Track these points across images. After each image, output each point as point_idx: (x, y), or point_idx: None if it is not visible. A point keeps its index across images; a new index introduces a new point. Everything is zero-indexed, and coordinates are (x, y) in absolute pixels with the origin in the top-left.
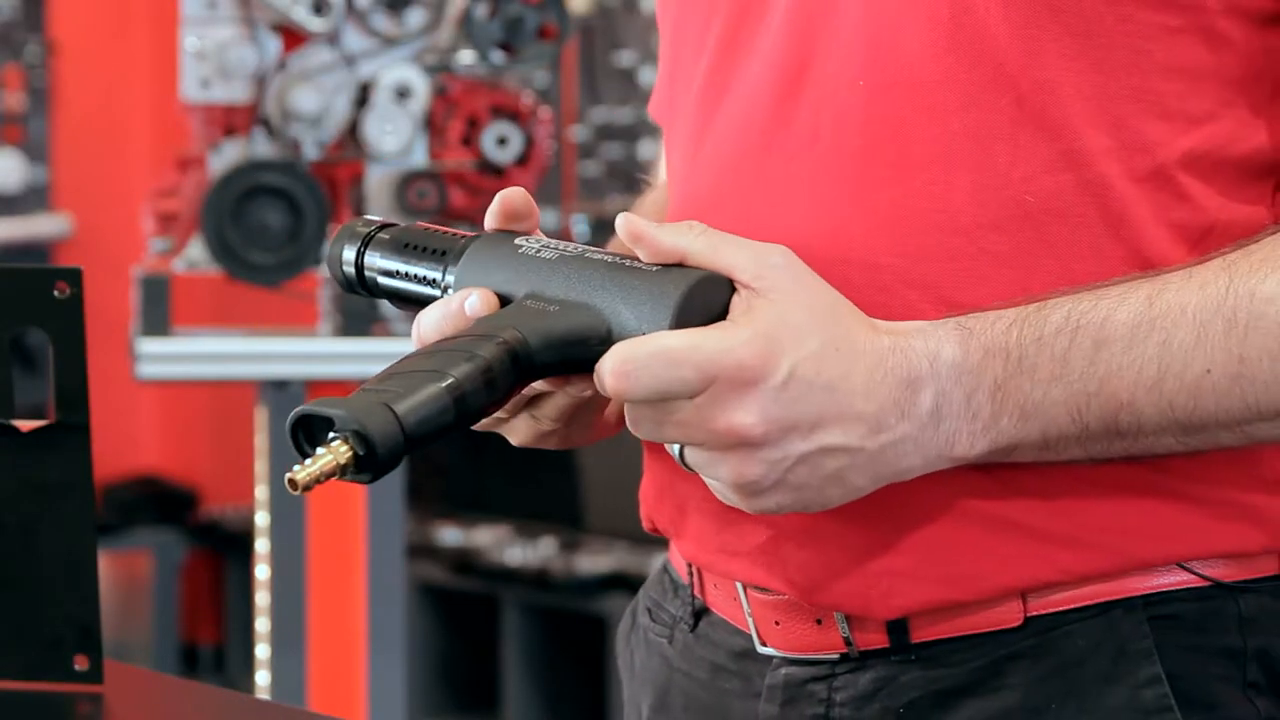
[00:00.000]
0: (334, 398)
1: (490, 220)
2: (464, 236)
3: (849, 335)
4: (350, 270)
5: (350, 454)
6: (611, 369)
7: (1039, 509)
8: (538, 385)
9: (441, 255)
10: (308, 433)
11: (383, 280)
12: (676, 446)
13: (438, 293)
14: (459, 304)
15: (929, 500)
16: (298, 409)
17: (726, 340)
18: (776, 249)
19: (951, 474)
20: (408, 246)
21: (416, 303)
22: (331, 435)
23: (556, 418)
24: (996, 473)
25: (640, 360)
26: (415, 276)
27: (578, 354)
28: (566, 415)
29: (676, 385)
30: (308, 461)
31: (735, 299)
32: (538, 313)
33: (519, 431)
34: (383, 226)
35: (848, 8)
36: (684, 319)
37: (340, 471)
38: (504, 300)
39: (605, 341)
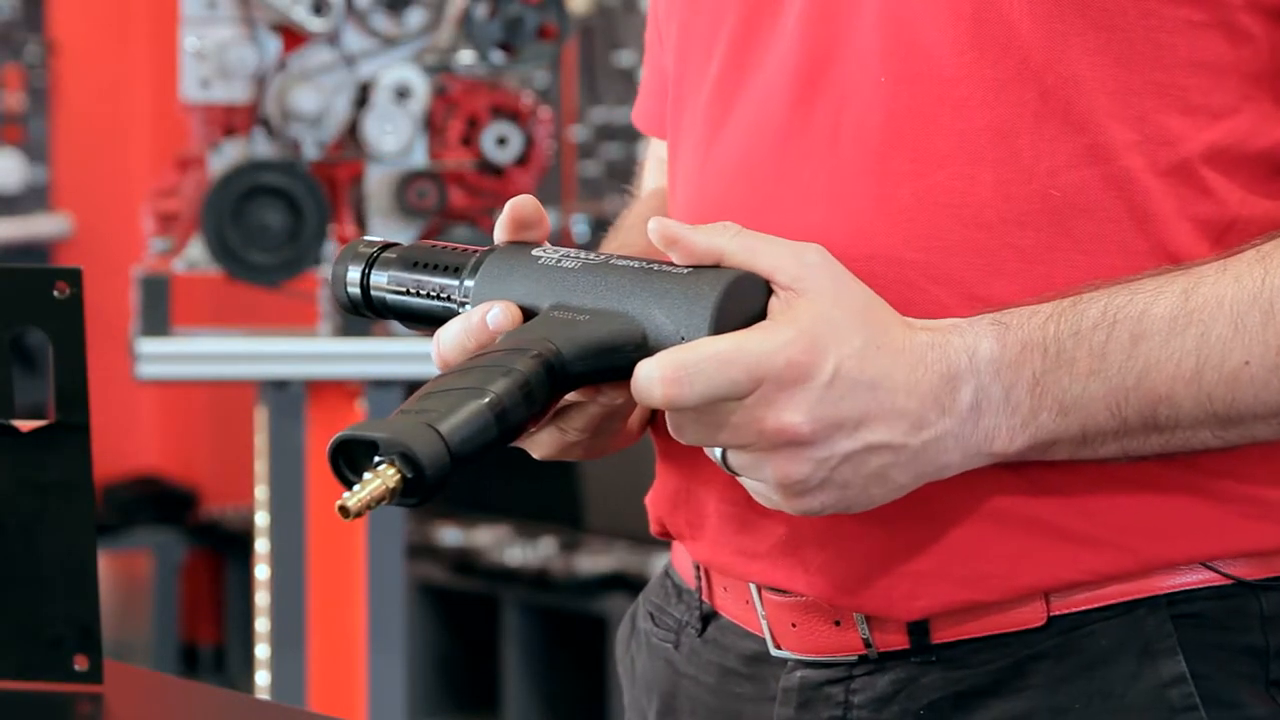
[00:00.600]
0: (375, 421)
1: (500, 230)
2: (475, 251)
3: (888, 333)
4: (355, 291)
5: (399, 477)
6: (663, 376)
7: (1062, 508)
8: (568, 396)
9: (455, 270)
10: (348, 458)
11: (391, 299)
12: (719, 450)
13: (454, 308)
14: (480, 318)
15: (952, 500)
16: (339, 434)
17: (772, 340)
18: (812, 248)
19: (976, 473)
20: (417, 264)
21: (429, 320)
22: (377, 459)
23: (585, 428)
24: (1022, 471)
25: (692, 365)
26: (429, 293)
27: (612, 362)
28: (595, 425)
29: (729, 388)
30: (356, 488)
31: (773, 299)
32: (568, 323)
33: (543, 444)
34: (387, 246)
35: (866, 6)
36: (722, 319)
37: (389, 496)
38: (526, 313)
39: (640, 348)
